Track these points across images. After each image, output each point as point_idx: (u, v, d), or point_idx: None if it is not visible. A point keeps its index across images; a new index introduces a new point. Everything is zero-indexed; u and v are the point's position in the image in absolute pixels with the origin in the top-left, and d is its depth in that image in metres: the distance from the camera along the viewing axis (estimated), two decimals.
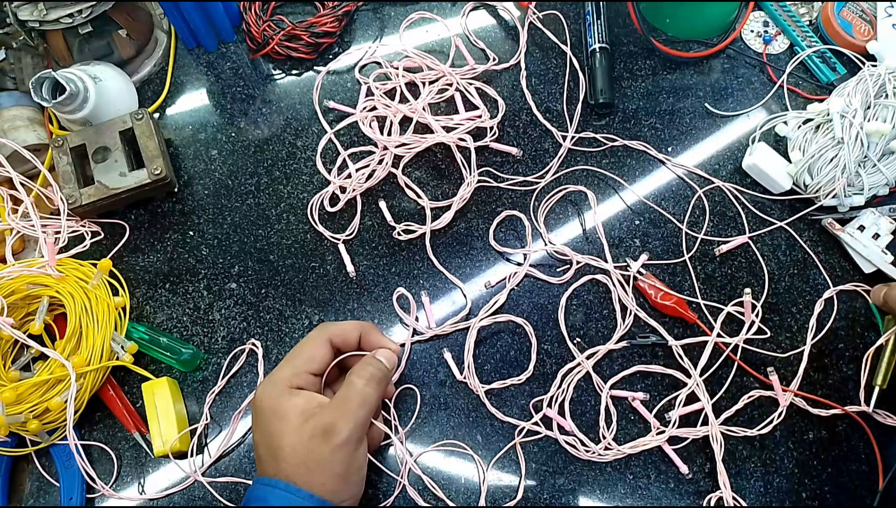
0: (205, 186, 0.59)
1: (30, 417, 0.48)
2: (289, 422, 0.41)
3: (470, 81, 0.60)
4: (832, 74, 0.60)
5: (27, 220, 0.54)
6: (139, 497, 0.50)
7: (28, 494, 0.51)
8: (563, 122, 0.59)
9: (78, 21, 0.56)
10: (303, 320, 0.54)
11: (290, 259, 0.56)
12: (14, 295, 0.51)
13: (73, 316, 0.50)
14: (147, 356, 0.53)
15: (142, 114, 0.56)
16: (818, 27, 0.62)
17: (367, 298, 0.55)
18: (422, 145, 0.57)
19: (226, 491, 0.49)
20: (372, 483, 0.49)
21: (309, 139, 0.60)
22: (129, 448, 0.51)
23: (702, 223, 0.56)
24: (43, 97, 0.53)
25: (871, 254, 0.53)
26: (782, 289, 0.54)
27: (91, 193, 0.54)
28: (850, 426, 0.50)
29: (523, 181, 0.57)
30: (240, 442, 0.51)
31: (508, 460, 0.49)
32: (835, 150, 0.52)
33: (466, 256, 0.56)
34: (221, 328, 0.54)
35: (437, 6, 0.65)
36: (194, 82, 0.63)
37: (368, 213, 0.57)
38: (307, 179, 0.59)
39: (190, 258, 0.57)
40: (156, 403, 0.50)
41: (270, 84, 0.62)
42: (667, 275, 0.54)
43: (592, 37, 0.60)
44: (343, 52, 0.63)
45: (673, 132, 0.59)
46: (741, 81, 0.61)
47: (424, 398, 0.51)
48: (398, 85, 0.60)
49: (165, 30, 0.64)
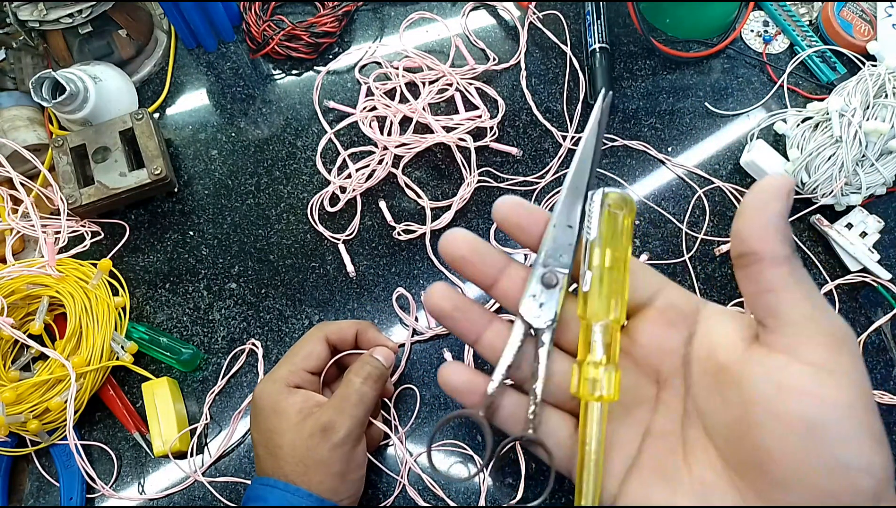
0: (205, 186, 0.59)
1: (30, 417, 0.48)
2: (287, 420, 0.41)
3: (470, 81, 0.60)
4: (832, 74, 0.60)
5: (27, 220, 0.54)
6: (139, 497, 0.50)
7: (28, 494, 0.51)
8: (563, 122, 0.59)
9: (78, 21, 0.56)
10: (303, 320, 0.54)
11: (290, 259, 0.56)
12: (14, 295, 0.51)
13: (73, 316, 0.50)
14: (147, 356, 0.53)
15: (142, 114, 0.56)
16: (818, 27, 0.62)
17: (367, 298, 0.55)
18: (422, 145, 0.57)
19: (226, 491, 0.49)
20: (372, 483, 0.49)
21: (309, 139, 0.60)
22: (129, 448, 0.51)
23: (702, 223, 0.56)
24: (43, 97, 0.53)
25: (857, 252, 0.53)
26: None
27: (91, 193, 0.54)
28: None
29: (523, 181, 0.57)
30: (240, 442, 0.51)
31: (508, 459, 0.49)
32: (833, 148, 0.52)
33: None
34: (221, 328, 0.54)
35: (437, 6, 0.65)
36: (194, 82, 0.63)
37: (368, 213, 0.57)
38: (307, 179, 0.59)
39: (190, 258, 0.57)
40: (156, 403, 0.50)
41: (270, 84, 0.62)
42: (667, 275, 0.54)
43: (592, 37, 0.60)
44: (343, 52, 0.63)
45: (673, 132, 0.59)
46: (741, 80, 0.61)
47: (424, 398, 0.51)
48: (398, 85, 0.60)
49: (165, 30, 0.64)
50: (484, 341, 0.34)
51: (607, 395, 0.31)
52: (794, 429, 0.26)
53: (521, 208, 0.33)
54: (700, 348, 0.31)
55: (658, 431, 0.32)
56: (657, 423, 0.32)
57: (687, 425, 0.31)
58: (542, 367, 0.33)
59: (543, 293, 0.33)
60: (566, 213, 0.33)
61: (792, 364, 0.27)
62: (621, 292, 0.32)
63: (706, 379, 0.30)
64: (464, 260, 0.34)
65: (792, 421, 0.26)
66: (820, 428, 0.26)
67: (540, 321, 0.33)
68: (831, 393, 0.26)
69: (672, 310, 0.32)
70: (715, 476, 0.30)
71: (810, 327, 0.28)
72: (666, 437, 0.32)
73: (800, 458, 0.26)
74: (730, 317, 0.31)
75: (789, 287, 0.28)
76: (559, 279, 0.33)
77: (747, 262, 0.29)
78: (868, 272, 0.53)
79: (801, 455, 0.26)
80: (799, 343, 0.27)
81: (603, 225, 0.32)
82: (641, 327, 0.33)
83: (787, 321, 0.28)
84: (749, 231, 0.29)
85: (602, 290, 0.32)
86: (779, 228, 0.29)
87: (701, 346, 0.31)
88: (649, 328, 0.33)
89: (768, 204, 0.29)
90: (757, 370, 0.28)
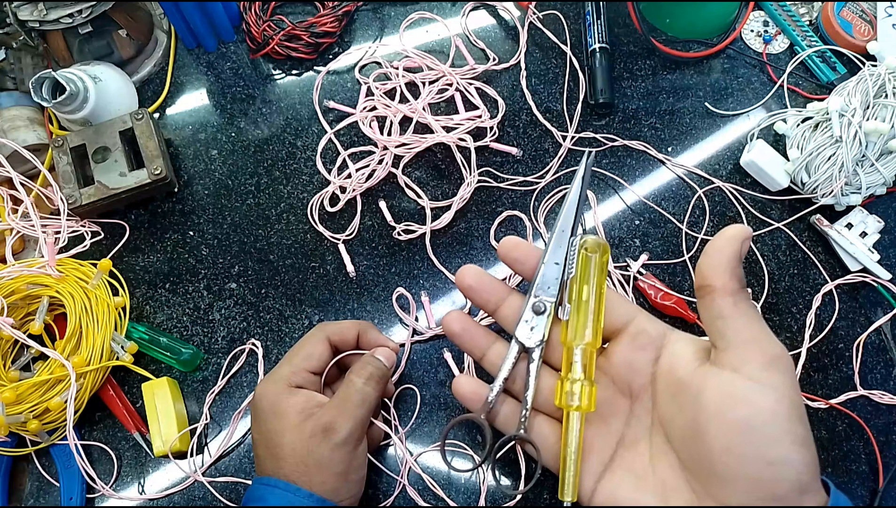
0: (205, 186, 0.59)
1: (30, 417, 0.48)
2: (288, 420, 0.41)
3: (470, 81, 0.60)
4: (832, 74, 0.60)
5: (27, 220, 0.54)
6: (139, 497, 0.50)
7: (28, 494, 0.51)
8: (563, 122, 0.59)
9: (78, 21, 0.56)
10: (303, 320, 0.54)
11: (290, 259, 0.56)
12: (14, 295, 0.51)
13: (73, 316, 0.50)
14: (147, 356, 0.53)
15: (142, 114, 0.56)
16: (818, 27, 0.62)
17: (367, 298, 0.55)
18: (422, 145, 0.57)
19: (226, 491, 0.49)
20: (372, 483, 0.49)
21: (309, 139, 0.60)
22: (129, 448, 0.51)
23: (702, 223, 0.56)
24: (43, 97, 0.53)
25: (857, 252, 0.53)
26: (782, 289, 0.54)
27: (91, 193, 0.54)
28: (849, 427, 0.50)
29: (523, 181, 0.57)
30: (240, 442, 0.51)
31: (508, 459, 0.49)
32: (833, 148, 0.52)
33: (466, 256, 0.56)
34: (221, 328, 0.54)
35: (437, 6, 0.65)
36: (194, 82, 0.63)
37: (368, 213, 0.57)
38: (307, 179, 0.59)
39: (190, 258, 0.57)
40: (156, 403, 0.50)
41: (270, 84, 0.62)
42: (667, 275, 0.54)
43: (592, 37, 0.60)
44: (343, 52, 0.63)
45: (673, 132, 0.59)
46: (741, 80, 0.61)
47: (424, 398, 0.51)
48: (398, 85, 0.60)
49: (165, 30, 0.64)
50: (487, 357, 0.42)
51: (584, 406, 0.38)
52: (735, 430, 0.33)
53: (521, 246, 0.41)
54: (663, 366, 0.38)
55: (630, 439, 0.39)
56: (629, 432, 0.39)
57: (653, 432, 0.38)
58: (531, 380, 0.40)
59: (534, 318, 0.41)
60: (554, 252, 0.41)
61: (736, 379, 0.33)
62: (597, 320, 0.39)
63: (667, 392, 0.37)
64: (472, 289, 0.42)
65: (734, 424, 0.33)
66: (754, 430, 0.32)
67: (531, 341, 0.41)
68: (765, 403, 0.32)
69: (642, 335, 0.39)
70: (674, 477, 0.36)
71: (752, 348, 0.34)
72: (636, 444, 0.39)
73: (738, 453, 0.32)
74: (689, 341, 0.38)
75: (735, 315, 0.34)
76: (547, 307, 0.41)
77: (704, 293, 0.36)
78: (868, 272, 0.53)
79: (739, 451, 0.32)
80: (742, 362, 0.34)
81: (580, 266, 0.40)
82: (616, 349, 0.40)
83: (732, 343, 0.34)
84: (708, 269, 0.35)
85: (579, 319, 0.39)
86: (732, 266, 0.35)
87: (664, 364, 0.38)
88: (623, 350, 0.39)
89: (725, 248, 0.35)
90: (708, 382, 0.34)
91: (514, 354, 0.41)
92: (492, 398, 0.41)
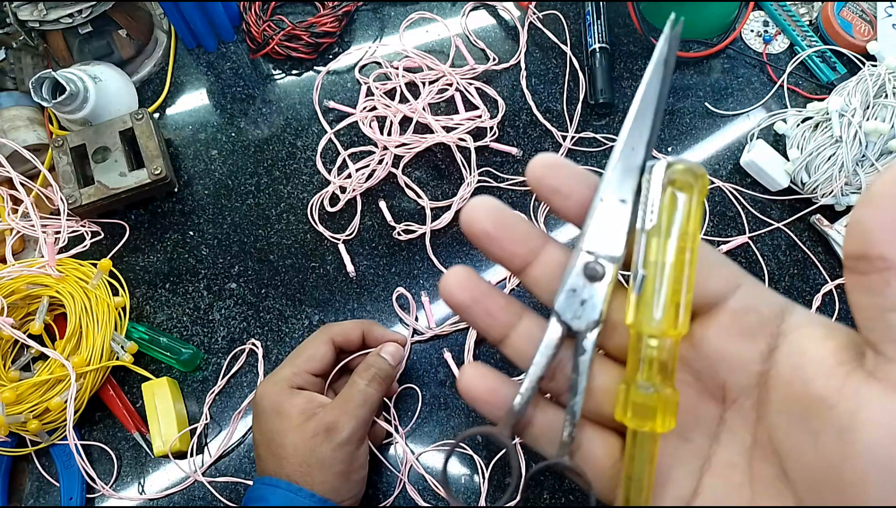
0: (205, 186, 0.59)
1: (30, 417, 0.48)
2: (290, 421, 0.41)
3: (470, 81, 0.60)
4: (832, 74, 0.60)
5: (27, 220, 0.54)
6: (139, 497, 0.50)
7: (28, 494, 0.51)
8: (563, 122, 0.59)
9: (78, 21, 0.56)
10: (303, 320, 0.54)
11: (290, 259, 0.56)
12: (14, 295, 0.51)
13: (73, 316, 0.50)
14: (147, 356, 0.53)
15: (142, 114, 0.56)
16: (818, 27, 0.62)
17: (367, 298, 0.55)
18: (422, 145, 0.57)
19: (226, 491, 0.49)
20: (372, 483, 0.49)
21: (309, 139, 0.60)
22: (129, 448, 0.51)
23: (702, 224, 0.56)
24: (43, 97, 0.53)
25: None
26: (782, 289, 0.54)
27: (91, 193, 0.54)
28: None
29: (523, 181, 0.57)
30: (240, 442, 0.51)
31: (509, 459, 0.49)
32: (833, 148, 0.52)
33: (466, 256, 0.56)
34: (221, 328, 0.54)
35: (437, 6, 0.65)
36: (194, 82, 0.63)
37: (368, 213, 0.57)
38: (307, 179, 0.59)
39: (190, 258, 0.57)
40: (156, 403, 0.50)
41: (270, 84, 0.62)
42: None
43: (592, 37, 0.60)
44: (343, 52, 0.63)
45: (673, 132, 0.59)
46: (741, 80, 0.61)
47: (425, 397, 0.51)
48: (398, 85, 0.60)
49: (165, 30, 0.64)
50: (511, 342, 0.27)
51: (661, 426, 0.24)
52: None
53: (562, 169, 0.25)
54: (783, 367, 0.24)
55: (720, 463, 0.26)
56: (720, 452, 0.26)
57: (757, 457, 0.25)
58: (581, 380, 0.26)
59: (586, 288, 0.25)
60: (617, 185, 0.25)
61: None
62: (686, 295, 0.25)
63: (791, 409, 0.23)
64: (488, 237, 0.25)
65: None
66: None
67: (580, 322, 0.26)
68: None
69: (749, 315, 0.25)
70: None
71: None
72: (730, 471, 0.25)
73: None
74: (826, 331, 0.24)
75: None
76: (606, 271, 0.25)
77: (868, 267, 0.21)
78: None
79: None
80: None
81: (665, 210, 0.24)
82: (707, 333, 0.25)
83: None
84: (879, 228, 0.21)
85: (659, 296, 0.24)
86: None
87: (786, 366, 0.24)
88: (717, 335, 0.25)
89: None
90: (866, 405, 0.21)
91: (555, 338, 0.26)
92: (520, 405, 0.26)
